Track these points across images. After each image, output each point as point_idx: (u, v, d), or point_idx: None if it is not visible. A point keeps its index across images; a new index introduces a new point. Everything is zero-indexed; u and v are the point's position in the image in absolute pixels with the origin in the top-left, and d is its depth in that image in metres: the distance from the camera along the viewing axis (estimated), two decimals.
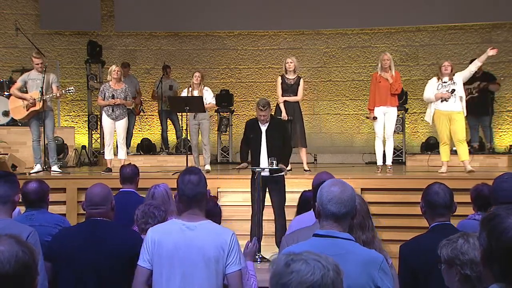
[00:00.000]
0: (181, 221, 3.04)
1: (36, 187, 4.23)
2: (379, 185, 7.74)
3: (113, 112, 8.65)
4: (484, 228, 1.88)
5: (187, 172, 3.13)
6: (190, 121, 8.84)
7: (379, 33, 12.48)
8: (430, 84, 8.29)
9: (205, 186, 3.10)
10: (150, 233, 3.07)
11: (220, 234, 3.03)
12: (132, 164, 5.76)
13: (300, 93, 8.70)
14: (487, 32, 12.02)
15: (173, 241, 2.98)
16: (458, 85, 8.09)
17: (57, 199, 7.30)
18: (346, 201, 2.55)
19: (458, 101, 8.07)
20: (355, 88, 12.56)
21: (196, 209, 3.04)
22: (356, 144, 12.45)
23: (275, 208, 6.56)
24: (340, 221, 2.56)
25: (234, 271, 2.99)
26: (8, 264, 1.76)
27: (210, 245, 2.97)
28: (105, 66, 11.80)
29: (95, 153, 11.90)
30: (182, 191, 3.05)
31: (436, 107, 8.17)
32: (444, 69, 8.13)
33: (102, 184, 3.60)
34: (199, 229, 3.00)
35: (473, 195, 4.20)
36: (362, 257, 2.52)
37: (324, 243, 2.52)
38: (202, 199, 3.08)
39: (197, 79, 8.81)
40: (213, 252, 2.96)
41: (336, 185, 2.60)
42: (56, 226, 4.08)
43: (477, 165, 9.11)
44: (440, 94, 8.10)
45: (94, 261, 3.32)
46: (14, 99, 8.67)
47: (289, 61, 8.65)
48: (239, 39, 12.81)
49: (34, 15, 12.45)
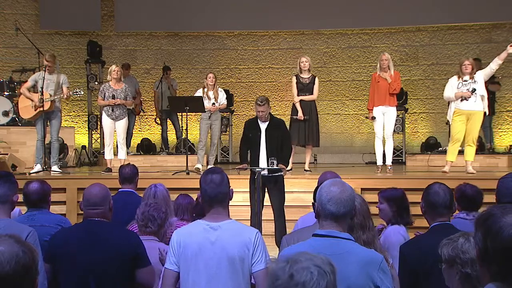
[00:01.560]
0: (204, 221, 3.03)
1: (38, 188, 4.22)
2: (379, 185, 7.69)
3: (113, 112, 8.66)
4: (479, 227, 1.88)
5: (209, 172, 3.13)
6: (202, 120, 8.97)
7: (379, 33, 12.48)
8: (450, 83, 8.04)
9: (227, 186, 3.10)
10: (175, 236, 3.06)
11: (243, 233, 3.01)
12: (131, 164, 5.73)
13: (315, 92, 8.72)
14: (487, 32, 12.02)
15: (197, 242, 2.97)
16: (479, 84, 7.85)
17: (57, 199, 7.29)
18: (345, 201, 2.55)
19: (479, 100, 7.84)
20: (355, 88, 12.57)
21: (219, 209, 3.04)
22: (356, 144, 12.45)
23: (275, 208, 6.55)
24: (339, 221, 2.56)
25: (261, 269, 2.96)
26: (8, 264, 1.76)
27: (234, 244, 2.95)
28: (105, 66, 11.81)
29: (95, 153, 11.90)
30: (205, 190, 3.04)
31: (457, 106, 7.90)
32: (464, 68, 7.85)
33: (100, 184, 3.58)
34: (222, 229, 2.98)
35: (457, 195, 4.20)
36: (361, 257, 2.52)
37: (323, 243, 2.52)
38: (225, 198, 3.07)
39: (211, 80, 8.95)
40: (237, 252, 2.94)
41: (336, 185, 2.60)
42: (57, 227, 4.07)
43: (477, 165, 9.10)
44: (460, 93, 7.85)
45: (92, 262, 3.30)
46: (24, 99, 8.72)
47: (304, 60, 8.67)
48: (239, 39, 12.81)
49: (34, 15, 12.45)
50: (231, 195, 3.14)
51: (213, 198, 3.03)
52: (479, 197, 4.12)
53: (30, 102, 8.57)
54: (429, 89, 12.12)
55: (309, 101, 8.67)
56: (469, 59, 8.08)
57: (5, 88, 10.11)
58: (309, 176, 8.09)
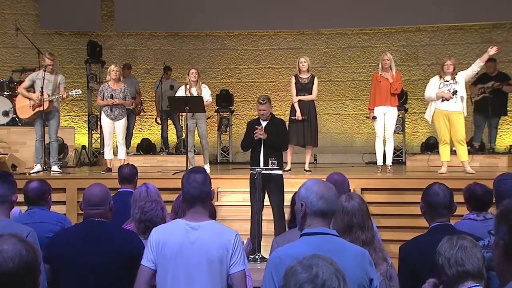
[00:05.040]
0: (184, 221, 3.03)
1: (37, 186, 4.28)
2: (379, 185, 7.74)
3: (112, 112, 8.65)
4: (503, 223, 1.89)
5: (192, 171, 3.14)
6: (188, 120, 8.75)
7: (379, 33, 12.49)
8: (432, 82, 8.16)
9: (209, 186, 3.10)
10: (154, 233, 3.06)
11: (223, 234, 3.02)
12: (131, 164, 5.75)
13: (314, 92, 8.70)
14: (487, 32, 12.02)
15: (177, 242, 2.97)
16: (460, 85, 7.93)
17: (57, 199, 7.27)
18: (333, 199, 2.63)
19: (459, 101, 7.93)
20: (355, 88, 12.57)
21: (199, 209, 3.04)
22: (356, 144, 12.46)
23: (275, 208, 6.56)
24: (327, 218, 2.62)
25: (238, 271, 2.98)
26: (12, 262, 1.78)
27: (213, 245, 2.96)
28: (105, 66, 11.80)
29: (95, 153, 11.90)
30: (187, 189, 3.04)
31: (437, 106, 8.05)
32: (446, 67, 7.96)
33: (100, 185, 3.58)
34: (202, 229, 2.99)
35: (466, 195, 4.20)
36: (355, 252, 2.60)
37: (318, 240, 2.55)
38: (207, 198, 3.07)
39: (194, 76, 8.70)
40: (216, 252, 2.95)
41: (321, 184, 2.68)
42: (58, 223, 4.10)
43: (477, 165, 9.11)
44: (441, 94, 7.96)
45: (93, 262, 3.30)
46: (21, 98, 8.71)
47: (302, 61, 8.65)
48: (239, 39, 12.82)
49: (34, 15, 12.46)
50: (212, 195, 3.14)
51: (196, 197, 3.02)
52: (489, 197, 4.10)
53: (27, 102, 8.55)
54: None
55: (308, 101, 8.67)
56: (451, 59, 8.14)
57: (5, 88, 10.11)
58: (309, 176, 8.09)
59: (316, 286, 1.72)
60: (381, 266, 3.12)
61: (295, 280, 1.76)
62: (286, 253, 2.53)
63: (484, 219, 4.03)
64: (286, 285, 1.78)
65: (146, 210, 3.84)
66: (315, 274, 1.74)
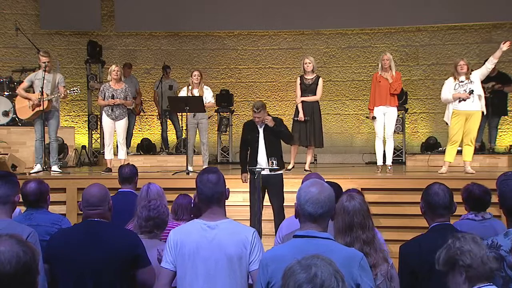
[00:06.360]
0: (201, 220, 3.04)
1: (35, 188, 4.21)
2: (379, 185, 7.73)
3: (112, 112, 8.65)
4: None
5: (205, 172, 3.14)
6: (188, 120, 8.82)
7: (379, 33, 12.48)
8: (447, 84, 8.07)
9: (223, 185, 3.10)
10: (172, 234, 3.07)
11: (241, 231, 3.02)
12: (131, 164, 5.74)
13: (319, 93, 8.67)
14: (487, 32, 12.02)
15: (194, 241, 2.98)
16: (475, 84, 7.88)
17: (57, 199, 7.29)
18: (323, 202, 2.59)
19: (477, 100, 7.86)
20: (355, 88, 12.57)
21: (216, 208, 3.05)
22: (356, 144, 12.46)
23: (275, 208, 6.57)
24: (318, 221, 2.60)
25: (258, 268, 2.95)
26: (9, 264, 1.77)
27: (231, 243, 2.97)
28: (105, 66, 11.81)
29: (95, 153, 11.90)
30: (201, 190, 3.05)
31: (455, 107, 7.94)
32: (460, 68, 7.89)
33: (99, 185, 3.57)
34: (220, 228, 3.00)
35: (464, 195, 4.20)
36: (341, 256, 2.51)
37: (303, 243, 2.55)
38: (221, 198, 3.08)
39: (197, 78, 8.84)
40: (234, 250, 2.95)
41: (315, 185, 2.64)
42: (54, 225, 4.06)
43: (477, 165, 9.10)
44: (458, 95, 7.88)
45: (92, 262, 3.29)
46: (21, 99, 8.71)
47: (307, 62, 8.64)
48: (239, 39, 12.82)
49: (34, 15, 12.45)
50: (227, 194, 3.15)
51: (210, 197, 3.03)
52: (487, 197, 4.11)
53: (27, 102, 8.55)
54: (429, 89, 12.12)
55: (312, 102, 8.66)
56: (464, 59, 8.09)
57: (5, 88, 10.11)
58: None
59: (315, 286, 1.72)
60: (382, 267, 3.11)
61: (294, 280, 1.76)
62: (271, 255, 2.62)
63: (482, 219, 4.04)
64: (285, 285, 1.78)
65: (153, 207, 3.87)
66: (314, 274, 1.74)
